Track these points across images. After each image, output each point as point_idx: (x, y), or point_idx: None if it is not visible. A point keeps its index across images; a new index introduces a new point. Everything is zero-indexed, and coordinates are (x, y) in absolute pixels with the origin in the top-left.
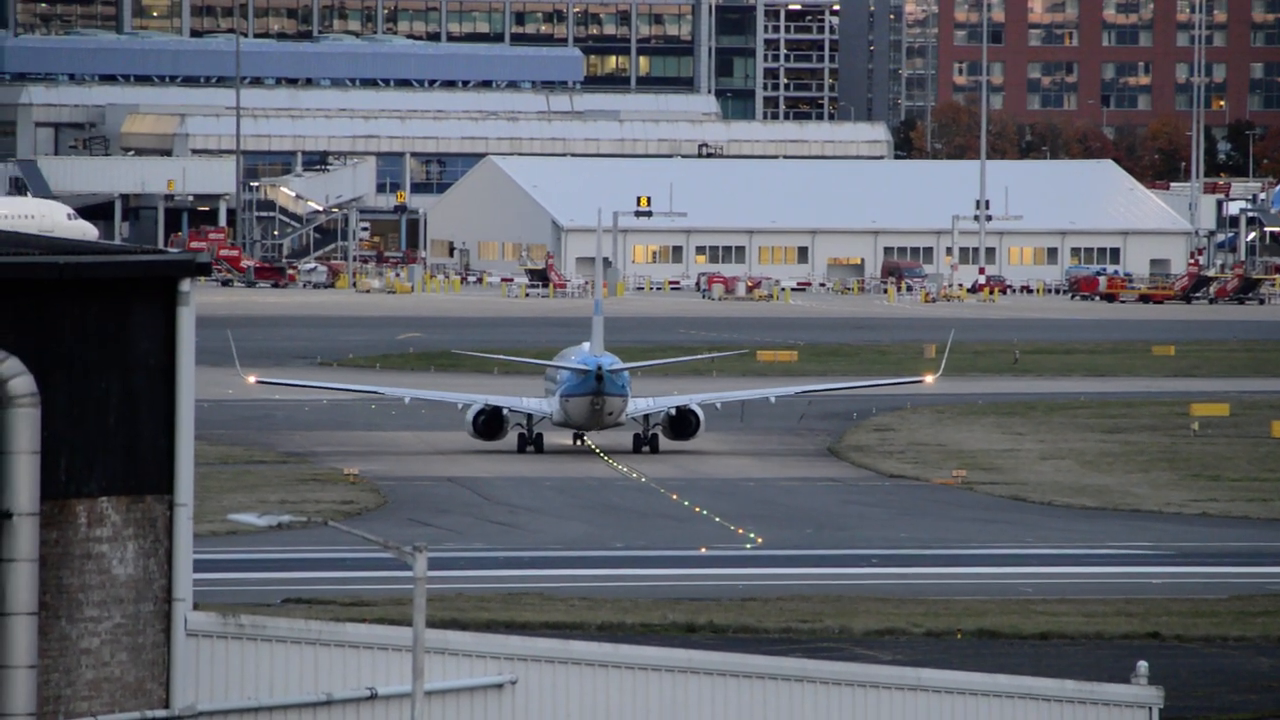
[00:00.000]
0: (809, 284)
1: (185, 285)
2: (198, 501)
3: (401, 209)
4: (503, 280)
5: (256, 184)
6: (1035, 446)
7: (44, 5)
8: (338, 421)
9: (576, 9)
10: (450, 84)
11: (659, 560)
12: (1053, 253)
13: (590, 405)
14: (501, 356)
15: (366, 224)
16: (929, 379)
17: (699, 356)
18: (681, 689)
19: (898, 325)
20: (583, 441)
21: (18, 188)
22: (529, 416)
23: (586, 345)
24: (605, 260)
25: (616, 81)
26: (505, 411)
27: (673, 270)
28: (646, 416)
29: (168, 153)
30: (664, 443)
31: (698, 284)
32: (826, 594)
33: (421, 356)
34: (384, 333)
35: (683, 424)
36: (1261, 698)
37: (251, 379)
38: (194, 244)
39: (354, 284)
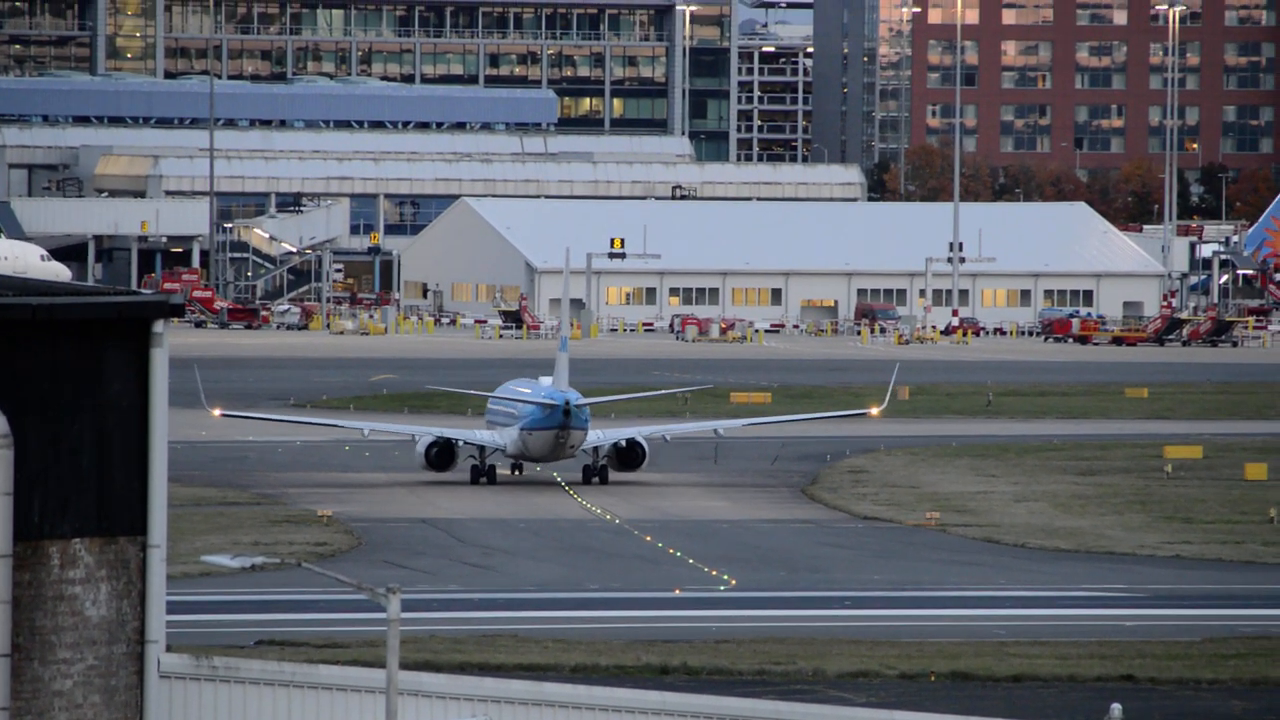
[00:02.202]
0: (782, 325)
1: (159, 326)
2: (171, 543)
3: (375, 250)
4: (476, 322)
5: (230, 225)
6: (1009, 489)
7: (17, 46)
8: (311, 463)
9: (550, 51)
10: (424, 125)
11: (632, 602)
12: (1026, 295)
13: (555, 439)
14: (475, 393)
15: (340, 265)
16: (874, 411)
17: (660, 393)
18: None
19: (871, 367)
20: (520, 471)
21: None
22: (481, 449)
23: (545, 380)
24: (579, 302)
25: (590, 123)
26: (460, 444)
27: (646, 312)
28: (596, 448)
29: (141, 194)
30: (612, 474)
31: (671, 325)
32: (800, 636)
33: (395, 398)
34: (358, 374)
35: (630, 456)
36: None
37: (216, 412)
38: (167, 285)
39: (328, 325)
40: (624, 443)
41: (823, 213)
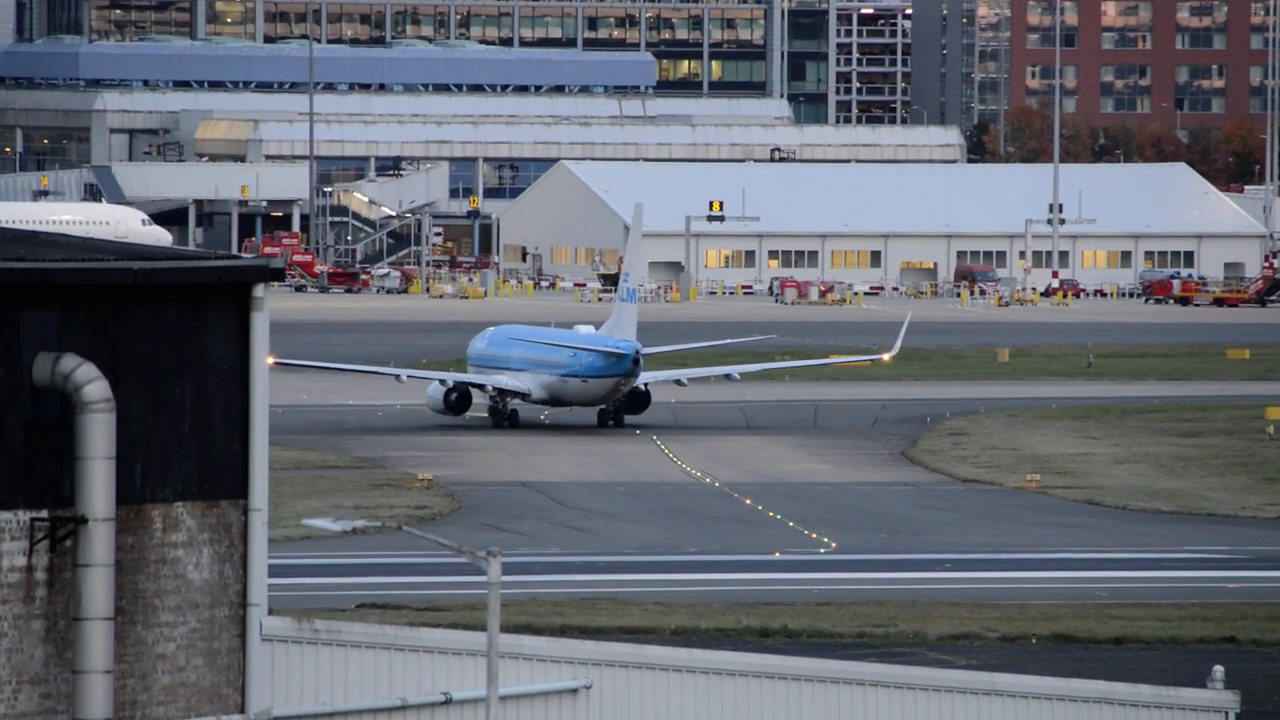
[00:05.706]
0: (882, 288)
1: (259, 291)
2: (272, 506)
3: (474, 214)
4: (575, 285)
5: (330, 189)
6: (1109, 450)
7: (118, 12)
8: (410, 426)
9: (649, 14)
10: (523, 89)
11: (733, 565)
12: (1126, 256)
13: (615, 385)
14: (571, 346)
15: (439, 229)
16: (885, 357)
17: (722, 343)
18: (756, 694)
19: (971, 329)
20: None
21: (92, 194)
22: (501, 392)
23: (583, 328)
24: (677, 265)
25: (689, 86)
26: (487, 389)
27: (745, 274)
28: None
29: (241, 158)
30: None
31: (770, 288)
32: (901, 599)
33: None
34: (457, 338)
35: (638, 400)
36: None
37: (269, 359)
38: (267, 249)
39: (427, 289)
40: (643, 387)
41: (922, 175)
